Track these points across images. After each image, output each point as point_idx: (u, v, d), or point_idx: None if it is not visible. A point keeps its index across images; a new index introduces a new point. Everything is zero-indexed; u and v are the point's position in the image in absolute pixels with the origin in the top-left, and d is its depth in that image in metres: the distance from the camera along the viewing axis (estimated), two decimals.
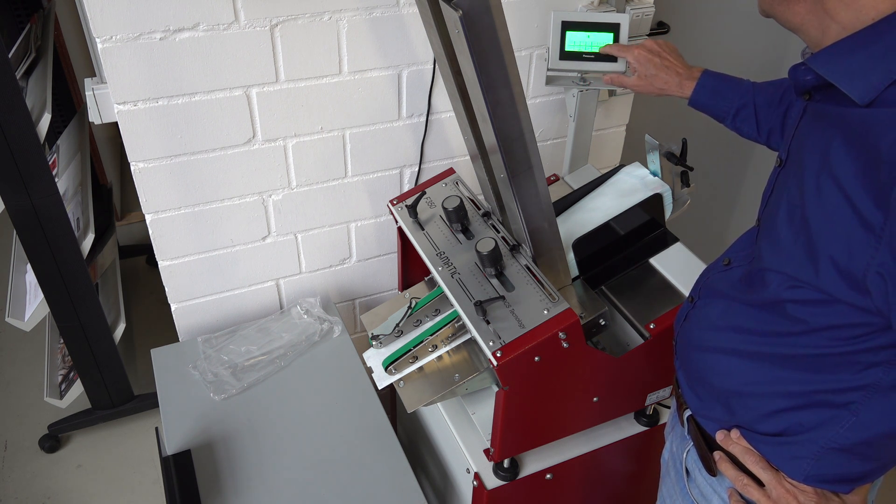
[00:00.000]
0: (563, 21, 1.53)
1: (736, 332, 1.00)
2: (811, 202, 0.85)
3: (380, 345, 1.40)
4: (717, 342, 1.03)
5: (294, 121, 1.56)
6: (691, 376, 1.09)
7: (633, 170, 1.49)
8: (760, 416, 0.99)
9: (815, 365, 0.92)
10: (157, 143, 1.47)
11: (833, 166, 0.82)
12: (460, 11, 0.97)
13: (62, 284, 1.90)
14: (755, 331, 0.97)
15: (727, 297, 1.02)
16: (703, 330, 1.06)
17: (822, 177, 0.84)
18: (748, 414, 1.00)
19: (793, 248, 0.88)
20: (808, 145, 0.89)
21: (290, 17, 1.43)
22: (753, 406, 0.99)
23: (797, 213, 0.87)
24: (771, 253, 0.92)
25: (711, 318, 1.04)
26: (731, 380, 1.01)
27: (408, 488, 1.38)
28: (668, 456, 1.22)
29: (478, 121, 1.19)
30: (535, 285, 1.23)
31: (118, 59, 1.35)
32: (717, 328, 1.03)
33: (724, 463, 1.03)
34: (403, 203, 1.48)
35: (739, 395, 1.01)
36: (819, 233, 0.84)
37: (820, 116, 0.89)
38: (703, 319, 1.06)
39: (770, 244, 0.92)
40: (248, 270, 1.73)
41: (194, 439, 1.46)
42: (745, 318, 0.98)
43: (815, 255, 0.84)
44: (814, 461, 0.95)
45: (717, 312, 1.03)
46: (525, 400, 1.23)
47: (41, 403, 2.16)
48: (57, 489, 2.12)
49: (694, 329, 1.08)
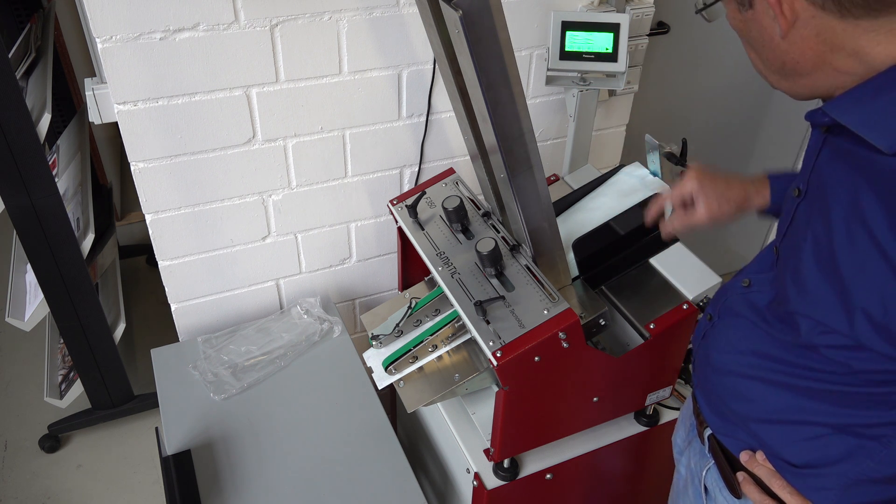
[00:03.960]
0: (563, 21, 1.53)
1: (761, 358, 0.97)
2: (842, 249, 0.81)
3: (380, 345, 1.40)
4: (740, 367, 1.00)
5: (294, 121, 1.56)
6: (712, 397, 1.06)
7: (633, 170, 1.49)
8: (785, 444, 0.96)
9: (847, 401, 0.89)
10: (157, 143, 1.47)
11: (865, 216, 0.78)
12: (460, 11, 0.97)
13: (62, 284, 1.90)
14: (783, 360, 0.94)
15: (749, 321, 0.99)
16: (723, 352, 1.03)
17: (852, 224, 0.79)
18: (772, 440, 0.97)
19: (823, 295, 0.84)
20: (831, 184, 0.84)
21: (290, 17, 1.43)
22: (778, 434, 0.96)
23: (825, 257, 0.83)
24: (799, 296, 0.88)
25: (733, 340, 1.01)
26: (755, 406, 0.98)
27: (408, 488, 1.38)
28: (684, 472, 1.19)
29: (478, 121, 1.19)
30: (535, 285, 1.23)
31: (118, 59, 1.35)
32: (739, 352, 1.00)
33: (748, 485, 1.01)
34: (403, 203, 1.48)
35: (763, 422, 0.98)
36: (852, 283, 0.80)
37: (842, 154, 0.84)
38: (722, 341, 1.03)
39: (797, 286, 0.88)
40: (248, 270, 1.73)
41: (194, 439, 1.46)
42: (770, 346, 0.95)
43: (848, 305, 0.81)
44: (842, 491, 0.92)
45: (739, 335, 1.00)
46: (525, 400, 1.23)
47: (41, 403, 2.16)
48: (57, 489, 2.12)
49: (713, 350, 1.05)
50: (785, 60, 0.82)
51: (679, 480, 1.22)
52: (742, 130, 2.50)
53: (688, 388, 1.49)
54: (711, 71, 2.27)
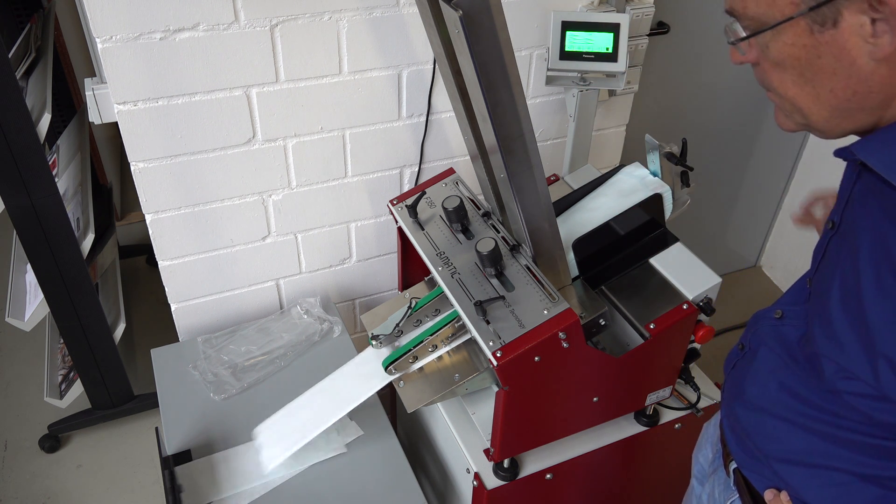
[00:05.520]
0: (563, 21, 1.53)
1: (788, 396, 0.94)
2: (869, 294, 0.77)
3: (380, 345, 1.40)
4: (767, 404, 0.97)
5: (294, 121, 1.56)
6: (737, 431, 1.04)
7: (633, 170, 1.49)
8: (809, 487, 0.94)
9: (870, 451, 0.86)
10: (157, 143, 1.47)
11: (894, 261, 0.75)
12: (460, 11, 0.97)
13: (62, 284, 1.90)
14: (809, 401, 0.91)
15: (778, 355, 0.97)
16: (752, 385, 1.00)
17: (882, 268, 0.76)
18: (796, 482, 0.95)
19: (848, 340, 0.81)
20: (862, 226, 0.81)
21: (290, 17, 1.43)
22: (802, 476, 0.94)
23: (852, 300, 0.80)
24: (824, 338, 0.85)
25: (761, 374, 0.99)
26: (779, 446, 0.96)
27: (408, 488, 1.38)
28: (706, 499, 1.17)
29: (478, 121, 1.19)
30: (535, 285, 1.23)
31: (118, 59, 1.35)
32: (767, 387, 0.97)
33: None
34: (403, 203, 1.48)
35: (787, 462, 0.96)
36: (877, 330, 0.76)
37: (874, 193, 0.79)
38: (752, 373, 1.01)
39: (822, 328, 0.85)
40: (248, 270, 1.73)
41: (194, 439, 1.46)
42: (797, 385, 0.93)
43: (872, 353, 0.78)
44: None
45: (768, 368, 0.98)
46: (525, 400, 1.23)
47: (41, 403, 2.16)
48: (57, 489, 2.12)
49: (742, 381, 1.02)
50: (859, 90, 0.74)
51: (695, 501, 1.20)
52: (742, 130, 2.50)
53: (688, 388, 1.49)
54: (711, 71, 2.27)
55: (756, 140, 2.55)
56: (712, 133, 2.45)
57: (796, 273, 2.82)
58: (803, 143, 2.62)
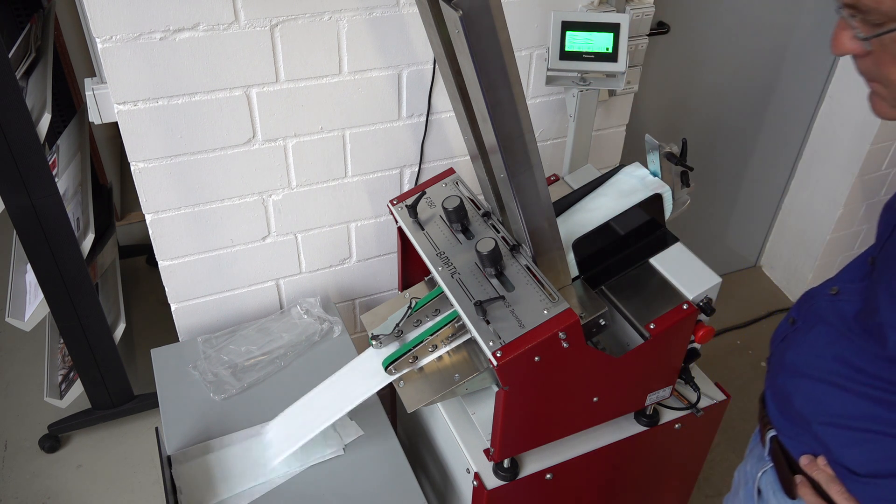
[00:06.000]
0: (563, 21, 1.53)
1: (842, 365, 0.97)
2: None
3: (380, 345, 1.40)
4: (817, 371, 1.00)
5: (294, 121, 1.56)
6: (780, 398, 1.06)
7: (633, 170, 1.49)
8: (851, 452, 0.96)
9: None
10: (157, 143, 1.47)
11: None
12: (460, 11, 0.97)
13: (62, 284, 1.90)
14: (864, 370, 0.94)
15: (835, 328, 0.99)
16: (802, 355, 1.03)
17: None
18: (836, 445, 0.97)
19: None
20: None
21: (290, 17, 1.43)
22: (844, 439, 0.96)
23: None
24: (890, 308, 0.88)
25: (816, 345, 1.02)
26: (823, 408, 0.98)
27: (408, 488, 1.38)
28: (738, 476, 1.20)
29: (478, 121, 1.19)
30: (535, 285, 1.23)
31: (118, 59, 1.35)
32: (820, 357, 1.00)
33: (804, 487, 1.01)
34: (403, 203, 1.48)
35: (830, 426, 0.98)
36: None
37: None
38: (804, 344, 1.04)
39: (890, 299, 0.88)
40: (248, 270, 1.73)
41: (194, 439, 1.46)
42: (853, 355, 0.95)
43: None
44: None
45: (823, 341, 1.01)
46: (525, 400, 1.23)
47: (41, 403, 2.16)
48: (57, 489, 2.12)
49: (793, 352, 1.05)
50: None
51: (734, 484, 1.22)
52: (742, 130, 2.50)
53: (688, 388, 1.49)
54: (711, 71, 2.27)
55: (756, 140, 2.55)
56: (712, 133, 2.45)
57: (796, 273, 2.82)
58: (803, 143, 2.62)
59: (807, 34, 2.33)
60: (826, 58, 2.41)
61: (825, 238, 2.65)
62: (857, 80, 2.55)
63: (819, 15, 2.30)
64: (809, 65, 2.41)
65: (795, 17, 2.28)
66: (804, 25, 2.30)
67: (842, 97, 2.44)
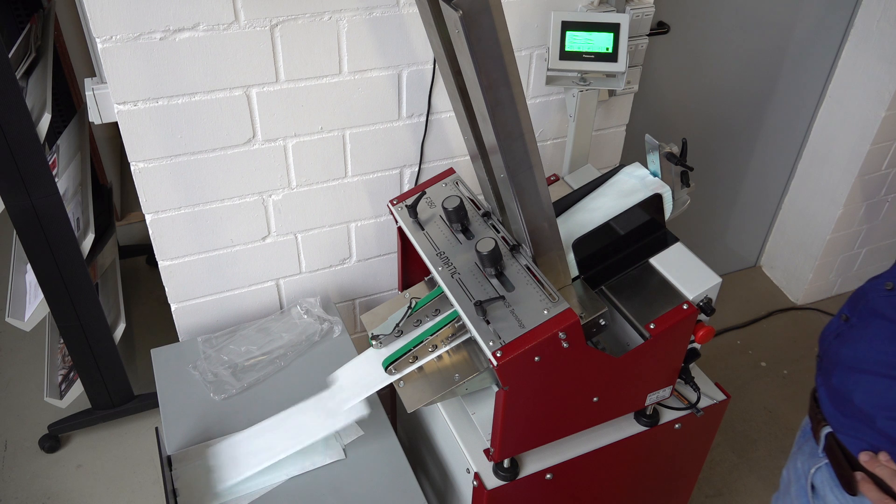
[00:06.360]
0: (563, 21, 1.53)
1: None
2: None
3: (380, 345, 1.40)
4: (877, 366, 1.01)
5: (294, 121, 1.56)
6: (837, 394, 1.07)
7: (633, 170, 1.49)
8: None
9: None
10: (157, 143, 1.47)
11: None
12: (460, 11, 0.97)
13: (62, 284, 1.90)
14: None
15: (892, 321, 1.00)
16: (860, 350, 1.04)
17: None
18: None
19: None
20: None
21: (290, 17, 1.43)
22: None
23: None
24: None
25: (874, 341, 1.03)
26: (887, 401, 0.99)
27: (408, 488, 1.38)
28: (787, 474, 1.20)
29: (478, 121, 1.19)
30: (535, 285, 1.23)
31: (118, 59, 1.35)
32: (880, 351, 1.01)
33: (866, 484, 1.01)
34: (403, 203, 1.48)
35: (893, 420, 0.99)
36: None
37: None
38: (862, 341, 1.05)
39: None
40: (248, 270, 1.73)
41: (194, 439, 1.46)
42: None
43: None
44: None
45: (882, 336, 1.02)
46: (525, 400, 1.23)
47: (41, 403, 2.16)
48: (57, 489, 2.12)
49: (850, 349, 1.06)
50: None
51: (782, 482, 1.22)
52: (742, 130, 2.50)
53: (688, 388, 1.49)
54: (711, 71, 2.27)
55: (756, 140, 2.55)
56: (712, 133, 2.45)
57: (796, 273, 2.82)
58: (803, 143, 2.62)
59: (807, 34, 2.33)
60: (826, 58, 2.41)
61: (825, 238, 2.65)
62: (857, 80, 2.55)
63: (819, 15, 2.30)
64: (809, 65, 2.41)
65: (795, 17, 2.28)
66: (804, 25, 2.30)
67: (842, 97, 2.44)
